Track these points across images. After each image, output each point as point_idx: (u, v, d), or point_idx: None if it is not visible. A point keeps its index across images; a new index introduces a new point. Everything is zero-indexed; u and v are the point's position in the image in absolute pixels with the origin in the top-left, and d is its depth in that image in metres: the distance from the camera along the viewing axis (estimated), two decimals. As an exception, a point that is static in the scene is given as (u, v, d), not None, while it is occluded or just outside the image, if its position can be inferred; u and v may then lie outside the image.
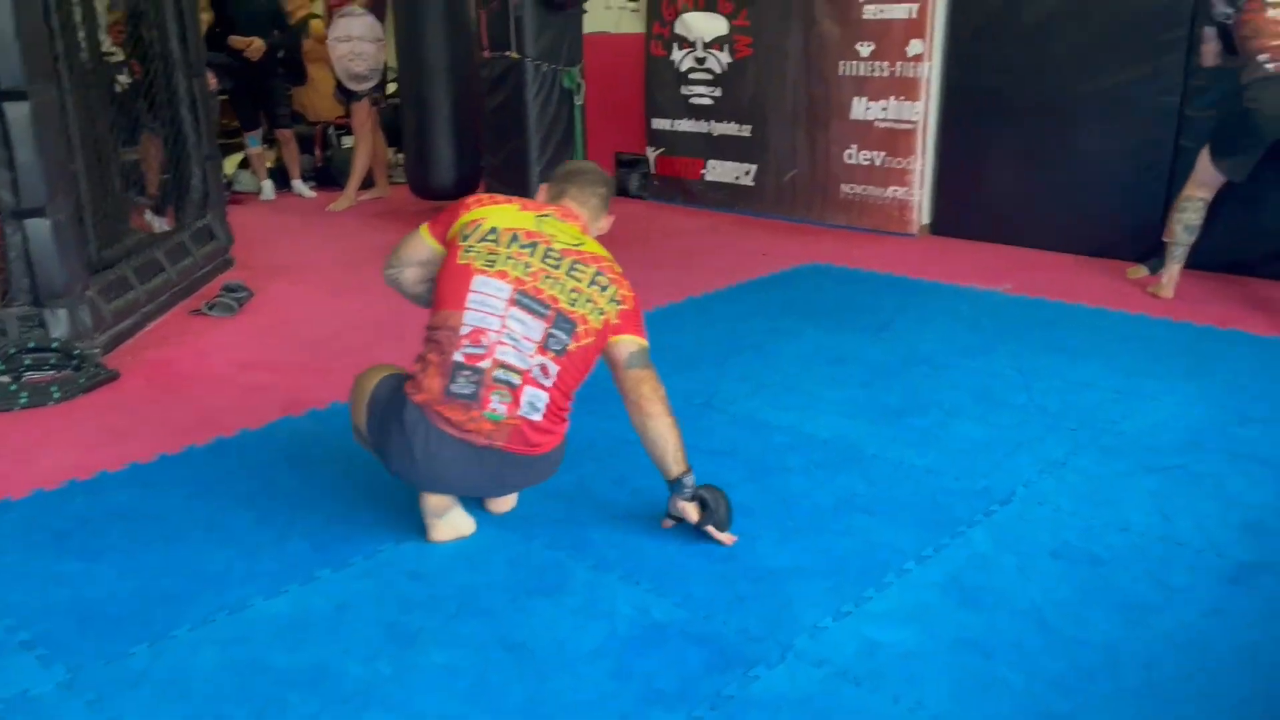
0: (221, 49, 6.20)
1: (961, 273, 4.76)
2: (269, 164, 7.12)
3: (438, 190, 6.09)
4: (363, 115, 6.47)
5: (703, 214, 6.23)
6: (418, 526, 2.36)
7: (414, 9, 5.69)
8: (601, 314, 2.27)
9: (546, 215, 2.34)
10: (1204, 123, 4.50)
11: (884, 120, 5.49)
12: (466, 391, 2.17)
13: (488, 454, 2.21)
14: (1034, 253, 5.11)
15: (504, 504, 2.51)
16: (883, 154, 5.54)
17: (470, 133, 5.85)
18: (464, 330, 2.19)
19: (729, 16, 5.98)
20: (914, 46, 5.30)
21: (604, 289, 2.29)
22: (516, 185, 5.52)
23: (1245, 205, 4.35)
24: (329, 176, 7.21)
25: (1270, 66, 3.91)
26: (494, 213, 2.30)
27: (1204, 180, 4.16)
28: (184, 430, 3.01)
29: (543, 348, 2.21)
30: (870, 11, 5.40)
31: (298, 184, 6.96)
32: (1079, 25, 4.84)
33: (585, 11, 5.60)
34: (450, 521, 2.37)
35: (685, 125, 6.39)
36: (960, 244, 5.36)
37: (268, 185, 6.87)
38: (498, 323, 2.19)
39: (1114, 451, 2.82)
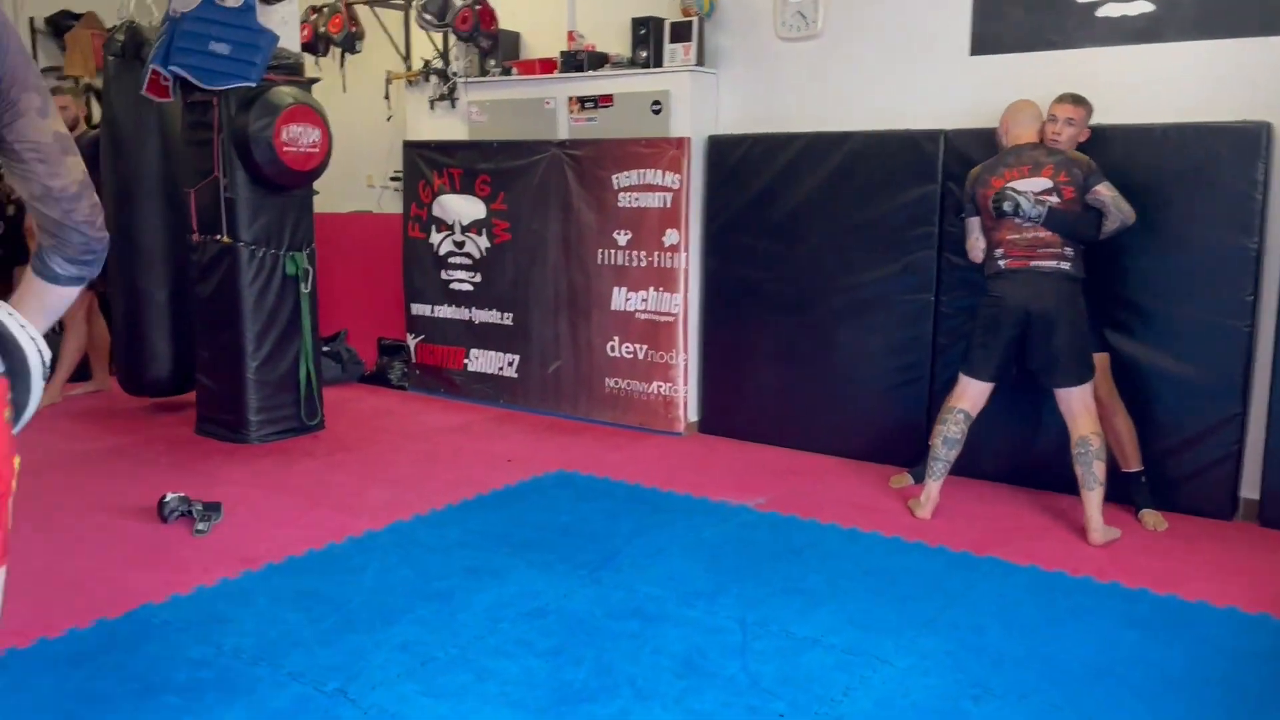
0: None
1: (720, 481, 4.30)
2: None
3: (151, 386, 5.36)
4: (75, 302, 5.71)
5: (463, 408, 5.67)
6: None
7: (127, 186, 5.09)
8: None
9: None
10: (959, 320, 4.28)
11: (645, 311, 5.12)
12: None
13: None
14: (799, 455, 4.72)
15: None
16: (645, 347, 5.14)
17: (189, 324, 5.17)
18: None
19: (486, 200, 5.60)
20: (670, 236, 4.99)
21: None
22: (230, 382, 4.85)
23: (1022, 413, 4.08)
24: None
25: (1002, 263, 3.75)
26: None
27: (963, 390, 3.86)
28: None
29: None
30: (626, 199, 5.09)
31: None
32: (828, 221, 4.62)
33: (317, 192, 5.11)
34: None
35: (446, 311, 5.89)
36: (726, 444, 4.93)
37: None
38: None
39: (822, 752, 2.28)
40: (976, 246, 3.94)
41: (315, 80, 5.08)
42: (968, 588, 3.19)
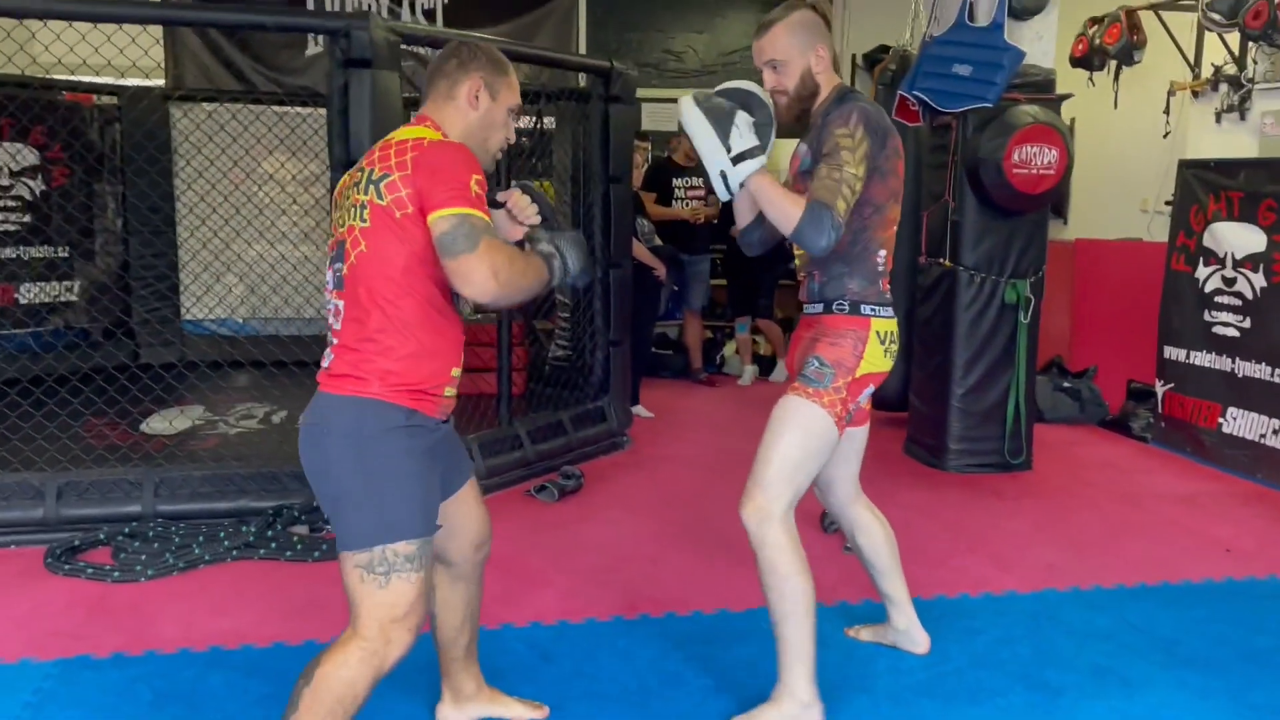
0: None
1: None
2: (762, 351, 7.21)
3: (882, 400, 5.57)
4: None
5: (1204, 475, 4.76)
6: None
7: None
8: (364, 208, 1.92)
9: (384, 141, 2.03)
10: None
11: None
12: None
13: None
14: None
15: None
16: None
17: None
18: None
19: (1269, 230, 4.59)
20: None
21: (371, 178, 1.92)
22: (936, 406, 4.80)
23: None
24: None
25: None
26: None
27: None
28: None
29: (334, 290, 1.99)
30: None
31: (776, 370, 6.93)
32: None
33: (1057, 217, 4.74)
34: None
35: (1203, 359, 5.00)
36: None
37: (748, 371, 6.92)
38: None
39: None
40: None
41: (1065, 97, 4.70)
42: None
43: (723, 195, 2.36)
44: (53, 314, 6.13)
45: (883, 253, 2.44)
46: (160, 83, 6.78)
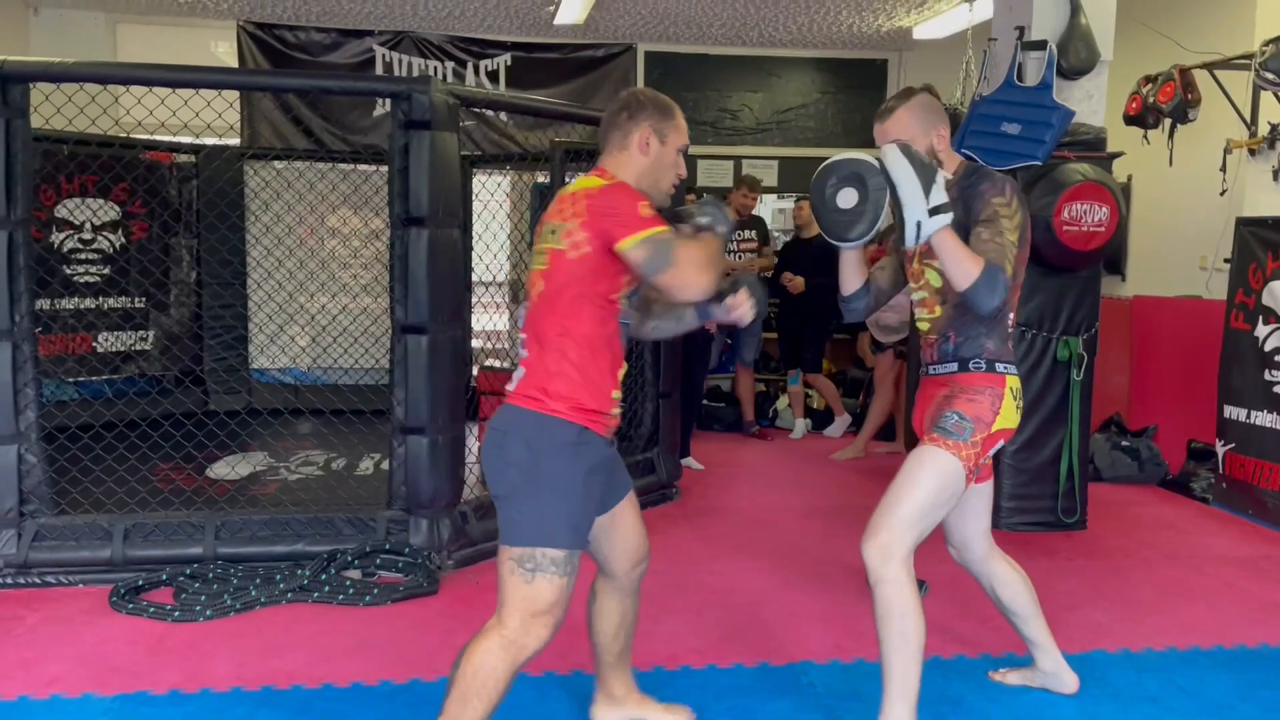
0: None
1: None
2: (815, 405, 7.22)
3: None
4: (885, 367, 6.23)
5: (1267, 537, 4.64)
6: None
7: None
8: (544, 254, 2.23)
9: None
10: None
11: None
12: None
13: None
14: None
15: None
16: None
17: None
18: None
19: (1329, 287, 4.53)
20: None
21: (552, 229, 2.23)
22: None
23: None
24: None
25: None
26: None
27: None
28: (342, 656, 3.10)
29: (522, 327, 2.29)
30: None
31: (834, 425, 6.93)
32: None
33: (1114, 274, 4.72)
34: None
35: (1265, 419, 4.91)
36: None
37: (800, 424, 6.93)
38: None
39: None
40: None
41: (1116, 155, 4.70)
42: None
43: (910, 243, 2.39)
44: (127, 362, 6.40)
45: (1012, 315, 2.60)
46: (235, 141, 7.08)
